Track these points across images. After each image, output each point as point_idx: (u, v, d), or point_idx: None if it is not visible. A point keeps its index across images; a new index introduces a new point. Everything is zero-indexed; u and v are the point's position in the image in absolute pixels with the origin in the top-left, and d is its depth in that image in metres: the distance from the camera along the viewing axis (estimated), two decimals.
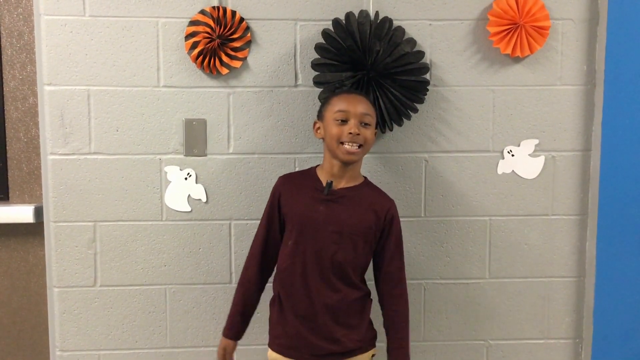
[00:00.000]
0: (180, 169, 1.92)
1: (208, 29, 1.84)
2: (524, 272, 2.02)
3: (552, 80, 1.96)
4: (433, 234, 1.99)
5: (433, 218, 1.98)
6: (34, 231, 2.04)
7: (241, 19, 1.87)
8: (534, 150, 1.98)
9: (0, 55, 1.99)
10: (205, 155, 1.92)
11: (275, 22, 1.90)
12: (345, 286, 1.63)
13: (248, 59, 1.90)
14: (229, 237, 1.96)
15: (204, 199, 1.93)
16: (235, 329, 1.71)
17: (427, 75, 1.90)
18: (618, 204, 1.97)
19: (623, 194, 1.98)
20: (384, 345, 1.68)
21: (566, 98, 1.97)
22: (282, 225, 1.68)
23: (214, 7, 1.85)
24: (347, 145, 1.57)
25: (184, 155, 1.92)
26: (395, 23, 1.87)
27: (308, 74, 1.89)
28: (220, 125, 1.92)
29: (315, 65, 1.85)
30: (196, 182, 1.93)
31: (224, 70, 1.88)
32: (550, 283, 2.03)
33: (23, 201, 2.05)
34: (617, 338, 2.02)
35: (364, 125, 1.59)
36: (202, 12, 1.86)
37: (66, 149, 1.89)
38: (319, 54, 1.85)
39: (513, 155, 1.97)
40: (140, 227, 1.93)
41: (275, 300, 1.69)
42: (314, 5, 1.89)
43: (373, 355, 1.70)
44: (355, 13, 1.84)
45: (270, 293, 1.72)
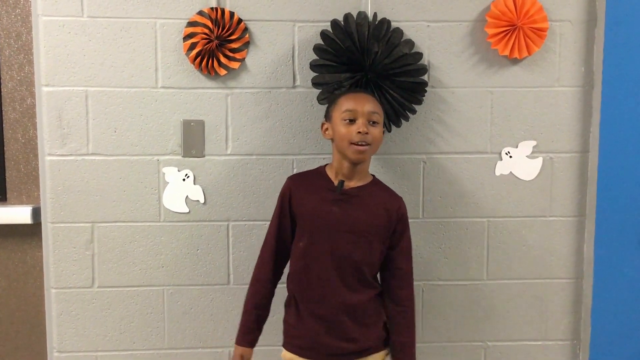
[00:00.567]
0: (178, 170, 1.92)
1: (206, 30, 1.84)
2: (522, 274, 2.02)
3: (550, 81, 1.96)
4: (431, 235, 1.99)
5: (431, 219, 1.98)
6: (31, 232, 2.03)
7: (239, 20, 1.87)
8: (532, 152, 1.98)
9: None
10: (204, 156, 1.92)
11: (273, 23, 1.90)
12: (362, 285, 1.63)
13: (246, 60, 1.90)
14: (227, 238, 1.95)
15: (202, 200, 1.93)
16: (252, 335, 1.67)
17: (425, 77, 1.90)
18: (616, 205, 1.98)
19: (621, 195, 1.98)
20: None
21: (564, 99, 1.97)
22: (293, 227, 1.67)
23: (212, 8, 1.85)
24: (357, 145, 1.57)
25: (182, 157, 1.92)
26: (394, 24, 1.88)
27: (306, 75, 1.89)
28: (218, 127, 1.92)
29: (313, 66, 1.85)
30: (194, 183, 1.93)
31: (222, 72, 1.88)
32: (548, 284, 2.03)
33: (21, 202, 2.05)
34: (615, 339, 2.02)
35: (372, 123, 1.59)
36: (200, 13, 1.86)
37: (64, 150, 1.89)
38: (317, 55, 1.85)
39: (511, 156, 1.98)
40: (138, 228, 1.93)
41: (290, 301, 1.68)
42: (313, 7, 1.90)
43: (387, 354, 1.69)
44: (354, 14, 1.85)
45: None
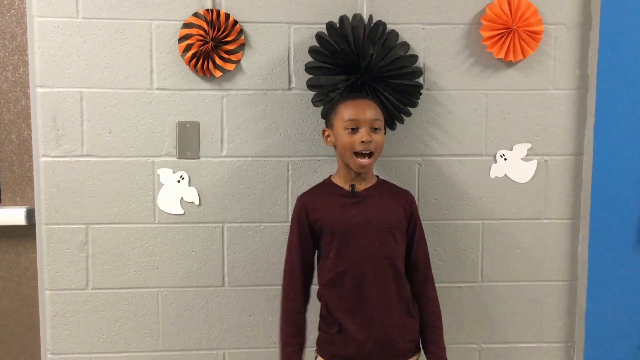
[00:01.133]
0: (173, 172, 1.92)
1: (201, 32, 1.84)
2: (517, 276, 2.02)
3: (545, 84, 1.97)
4: (426, 238, 1.98)
5: (426, 221, 1.97)
6: (25, 233, 2.03)
7: (235, 22, 1.87)
8: (527, 154, 1.98)
9: None
10: (199, 158, 1.92)
11: (269, 25, 1.90)
12: (399, 280, 1.64)
13: (242, 61, 1.90)
14: (221, 240, 1.95)
15: (196, 202, 1.93)
16: (299, 356, 1.65)
17: (421, 79, 1.91)
18: (610, 207, 1.98)
19: (615, 197, 1.98)
20: None
21: (559, 102, 1.98)
22: (315, 242, 1.67)
23: (207, 10, 1.85)
24: (359, 158, 1.60)
25: (177, 158, 1.91)
26: (389, 27, 1.88)
27: (302, 77, 1.89)
28: (213, 128, 1.91)
29: (308, 68, 1.85)
30: (189, 185, 1.92)
31: (218, 73, 1.87)
32: (542, 286, 2.03)
33: (15, 203, 2.04)
34: (609, 342, 2.03)
35: (374, 130, 1.62)
36: (196, 15, 1.85)
37: (58, 151, 1.89)
38: (312, 57, 1.85)
39: (506, 159, 1.98)
40: (133, 230, 1.93)
41: (325, 311, 1.66)
42: (308, 9, 1.90)
43: (417, 359, 1.70)
44: (349, 16, 1.85)
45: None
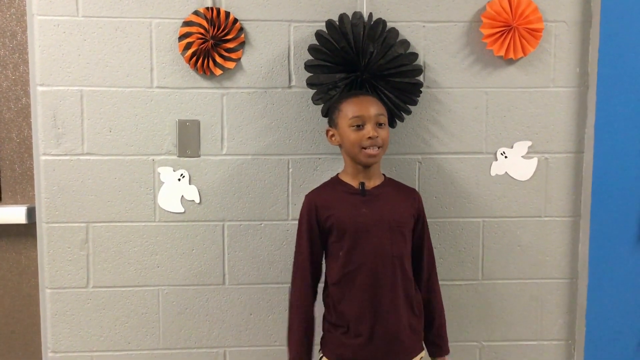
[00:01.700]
0: (174, 170, 1.92)
1: (202, 30, 1.84)
2: (517, 274, 2.02)
3: (545, 82, 1.97)
4: None
5: (427, 219, 1.98)
6: (26, 232, 2.03)
7: (235, 20, 1.87)
8: (527, 152, 1.98)
9: None
10: (199, 156, 1.92)
11: (269, 23, 1.89)
12: (407, 279, 1.65)
13: (242, 60, 1.90)
14: (222, 238, 1.95)
15: (197, 200, 1.93)
16: (309, 356, 1.66)
17: (421, 77, 1.90)
18: (610, 205, 1.98)
19: (615, 195, 1.98)
20: None
21: (559, 100, 1.97)
22: (324, 241, 1.67)
23: (207, 8, 1.85)
24: (368, 149, 1.60)
25: (177, 156, 1.92)
26: (389, 25, 1.88)
27: (302, 75, 1.89)
28: (213, 126, 1.91)
29: (308, 66, 1.85)
30: (189, 183, 1.93)
31: (218, 71, 1.87)
32: (543, 284, 2.03)
33: (15, 202, 2.04)
34: (610, 339, 2.03)
35: (379, 125, 1.62)
36: (196, 13, 1.85)
37: (59, 150, 1.89)
38: (312, 56, 1.85)
39: (506, 157, 1.98)
40: (133, 228, 1.93)
41: (331, 312, 1.66)
42: (308, 7, 1.89)
43: (421, 358, 1.70)
44: (349, 14, 1.85)
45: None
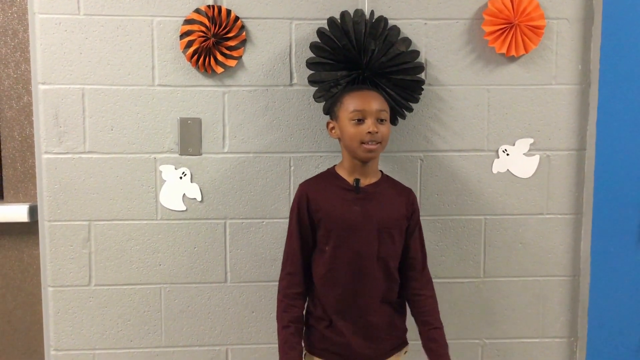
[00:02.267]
0: (175, 168, 1.92)
1: (203, 28, 1.84)
2: (519, 271, 2.02)
3: (547, 79, 1.96)
4: (428, 233, 1.98)
5: (428, 217, 1.98)
6: (28, 230, 2.03)
7: (236, 18, 1.87)
8: (529, 150, 1.98)
9: None
10: (200, 154, 1.92)
11: (270, 21, 1.89)
12: (389, 281, 1.64)
13: (243, 57, 1.90)
14: (224, 236, 1.95)
15: (199, 198, 1.93)
16: (298, 349, 1.61)
17: (422, 75, 1.90)
18: (612, 202, 1.98)
19: (617, 192, 1.98)
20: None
21: (561, 97, 1.97)
22: (314, 232, 1.65)
23: (209, 6, 1.85)
24: (367, 144, 1.58)
25: (179, 155, 1.92)
26: (391, 22, 1.87)
27: (303, 73, 1.89)
28: (215, 124, 1.91)
29: (310, 64, 1.84)
30: (191, 181, 1.93)
31: (219, 69, 1.87)
32: (545, 282, 2.03)
33: (17, 200, 2.04)
34: (612, 336, 2.03)
35: (380, 121, 1.60)
36: (197, 11, 1.85)
37: (61, 148, 1.89)
38: (314, 53, 1.84)
39: (508, 154, 1.98)
40: (135, 227, 1.93)
41: (315, 307, 1.66)
42: (310, 4, 1.89)
43: (405, 352, 1.71)
44: (351, 12, 1.84)
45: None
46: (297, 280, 1.64)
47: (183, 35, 1.85)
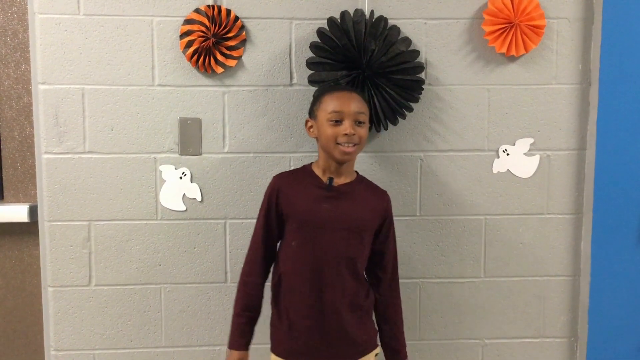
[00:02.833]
0: (175, 168, 1.92)
1: (203, 28, 1.84)
2: (519, 271, 2.02)
3: (547, 79, 1.96)
4: (428, 233, 1.99)
5: (428, 217, 1.98)
6: (28, 230, 2.03)
7: (236, 18, 1.86)
8: (529, 149, 1.98)
9: None
10: (200, 154, 1.92)
11: (270, 21, 1.89)
12: (356, 282, 1.62)
13: (243, 57, 1.90)
14: (224, 236, 1.95)
15: (199, 198, 1.93)
16: (247, 338, 1.64)
17: (422, 74, 1.90)
18: (613, 202, 1.98)
19: (618, 192, 1.98)
20: None
21: (561, 97, 1.97)
22: (280, 227, 1.65)
23: (208, 6, 1.85)
24: (343, 145, 1.56)
25: (179, 154, 1.92)
26: (391, 22, 1.87)
27: (303, 73, 1.89)
28: (215, 124, 1.91)
29: (310, 64, 1.84)
30: (191, 181, 1.93)
31: (219, 69, 1.87)
32: (545, 282, 2.03)
33: (17, 200, 2.04)
34: (612, 336, 2.03)
35: (358, 123, 1.58)
36: (197, 11, 1.85)
37: (61, 148, 1.89)
38: (314, 53, 1.84)
39: (508, 154, 1.98)
40: (135, 226, 1.93)
41: (279, 304, 1.64)
42: (309, 4, 1.89)
43: (376, 354, 1.69)
44: (351, 12, 1.84)
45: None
46: (256, 269, 1.65)
47: (183, 35, 1.85)
